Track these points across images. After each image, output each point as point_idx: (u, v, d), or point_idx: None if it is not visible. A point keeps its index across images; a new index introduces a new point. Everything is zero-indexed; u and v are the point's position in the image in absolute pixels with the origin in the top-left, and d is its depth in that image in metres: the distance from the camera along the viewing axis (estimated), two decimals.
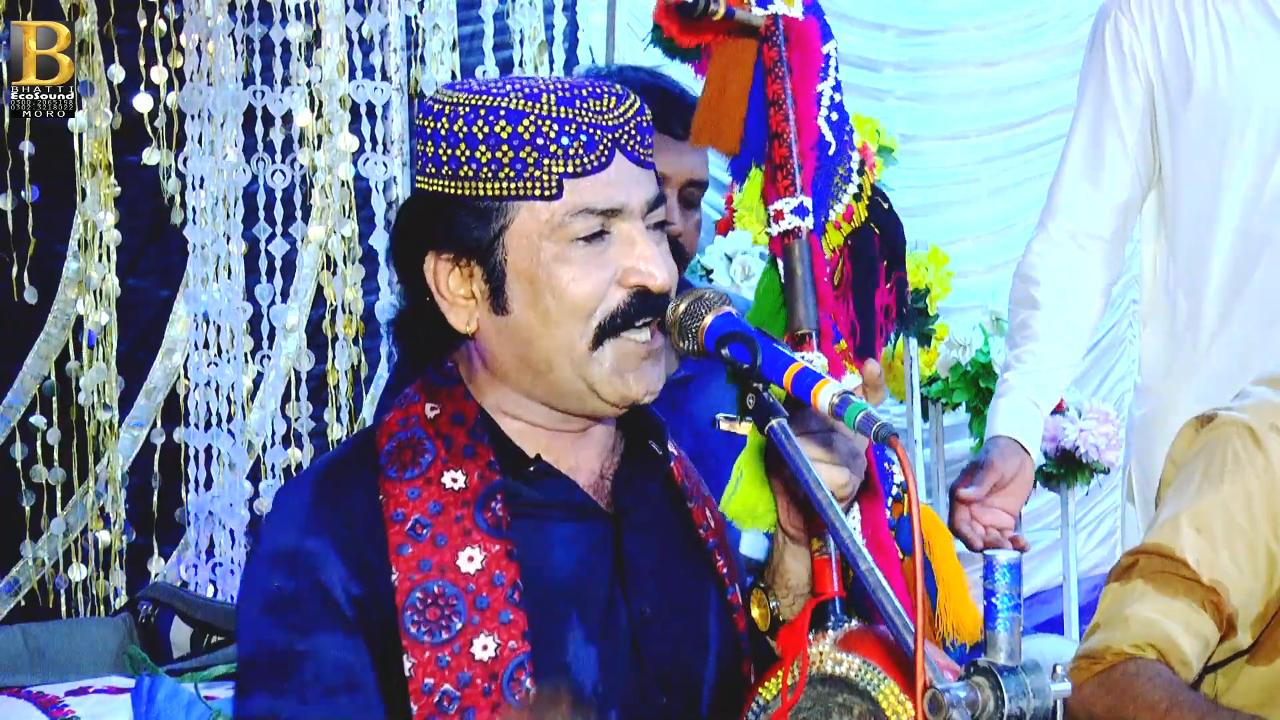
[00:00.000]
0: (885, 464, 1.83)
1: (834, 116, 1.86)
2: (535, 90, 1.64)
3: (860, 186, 1.89)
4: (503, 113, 1.62)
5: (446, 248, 1.68)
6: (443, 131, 1.65)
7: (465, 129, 1.63)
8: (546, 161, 1.62)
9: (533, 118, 1.62)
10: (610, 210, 1.64)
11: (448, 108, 1.65)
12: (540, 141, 1.62)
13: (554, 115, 1.62)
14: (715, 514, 1.81)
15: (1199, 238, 2.95)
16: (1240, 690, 2.24)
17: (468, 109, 1.64)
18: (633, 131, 1.66)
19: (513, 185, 1.63)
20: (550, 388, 1.68)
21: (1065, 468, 5.15)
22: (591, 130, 1.63)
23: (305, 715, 1.60)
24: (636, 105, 1.68)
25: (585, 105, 1.63)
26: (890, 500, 1.83)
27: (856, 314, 1.88)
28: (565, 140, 1.62)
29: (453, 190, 1.65)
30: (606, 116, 1.64)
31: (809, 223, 1.82)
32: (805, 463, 1.52)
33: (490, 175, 1.63)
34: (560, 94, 1.64)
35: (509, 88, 1.65)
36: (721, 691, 1.72)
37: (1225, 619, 2.17)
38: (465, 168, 1.64)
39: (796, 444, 1.53)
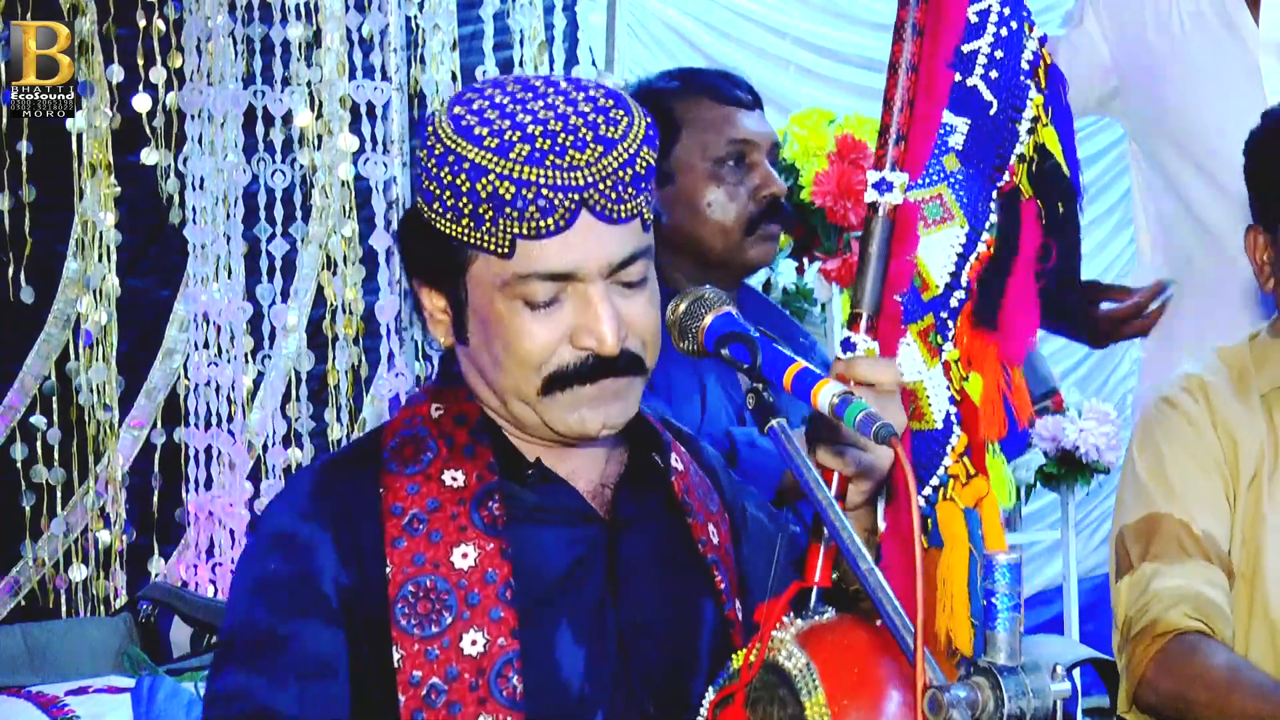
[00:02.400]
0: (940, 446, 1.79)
1: (994, 75, 1.77)
2: (511, 139, 1.60)
3: (1026, 147, 1.80)
4: (466, 165, 1.60)
5: (420, 271, 1.71)
6: (423, 159, 1.67)
7: (436, 169, 1.64)
8: (502, 221, 1.60)
9: (493, 175, 1.59)
10: (563, 274, 1.63)
11: (431, 138, 1.65)
12: (495, 201, 1.59)
13: (514, 176, 1.58)
14: (722, 531, 1.80)
15: (1179, 236, 3.11)
16: None
17: (441, 149, 1.63)
18: (606, 189, 1.60)
19: (470, 235, 1.63)
20: (511, 415, 1.71)
21: (1065, 468, 5.14)
22: (552, 194, 1.58)
23: (274, 696, 1.63)
24: (628, 153, 1.62)
25: (559, 159, 1.58)
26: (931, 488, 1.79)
27: (982, 281, 1.79)
28: (520, 204, 1.59)
29: (428, 216, 1.67)
30: (577, 175, 1.59)
31: (891, 199, 1.73)
32: (805, 462, 1.52)
33: (453, 219, 1.63)
34: (536, 144, 1.59)
35: (486, 132, 1.61)
36: None
37: (1227, 567, 2.27)
38: (436, 203, 1.65)
39: (796, 444, 1.53)
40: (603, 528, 1.72)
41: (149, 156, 4.21)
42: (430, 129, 1.67)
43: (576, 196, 1.59)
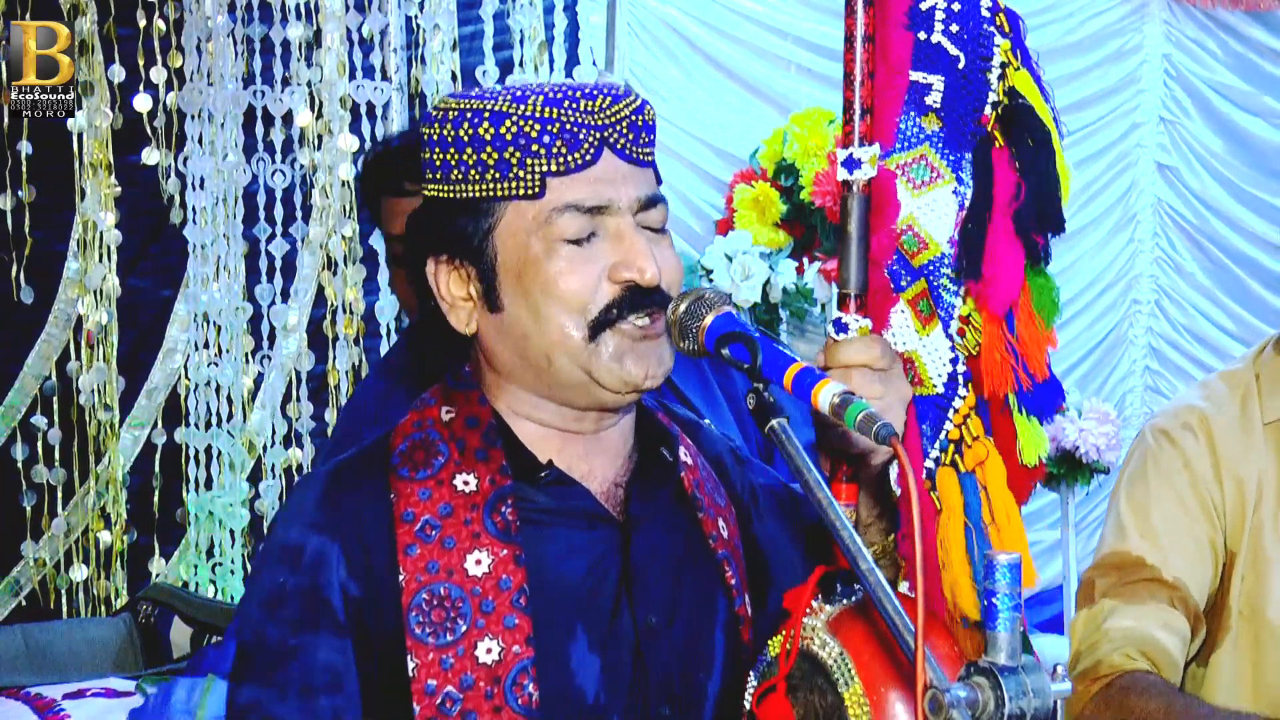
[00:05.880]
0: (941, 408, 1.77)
1: (955, 29, 1.74)
2: (525, 94, 1.65)
3: (997, 93, 1.76)
4: (487, 115, 1.64)
5: (443, 249, 1.70)
6: (436, 137, 1.67)
7: (454, 133, 1.66)
8: (529, 161, 1.63)
9: (515, 118, 1.63)
10: (596, 208, 1.65)
11: (440, 114, 1.68)
12: (522, 141, 1.63)
13: (537, 115, 1.63)
14: (731, 525, 1.80)
15: None
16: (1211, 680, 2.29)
17: (456, 114, 1.66)
18: (624, 129, 1.66)
19: (498, 186, 1.65)
20: (552, 381, 1.69)
21: (1065, 468, 5.14)
22: (576, 129, 1.63)
23: (283, 710, 1.63)
24: (634, 104, 1.67)
25: (574, 105, 1.64)
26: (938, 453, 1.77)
27: (963, 232, 1.76)
28: (547, 139, 1.63)
29: (447, 193, 1.68)
30: (596, 116, 1.64)
31: (861, 175, 1.71)
32: (805, 462, 1.51)
33: (477, 177, 1.65)
34: (550, 95, 1.65)
35: (503, 92, 1.67)
36: (725, 703, 1.72)
37: (1193, 614, 2.21)
38: (455, 171, 1.66)
39: (797, 444, 1.53)
40: (616, 529, 1.71)
41: (149, 156, 4.21)
42: (434, 112, 1.69)
43: (598, 135, 1.64)
